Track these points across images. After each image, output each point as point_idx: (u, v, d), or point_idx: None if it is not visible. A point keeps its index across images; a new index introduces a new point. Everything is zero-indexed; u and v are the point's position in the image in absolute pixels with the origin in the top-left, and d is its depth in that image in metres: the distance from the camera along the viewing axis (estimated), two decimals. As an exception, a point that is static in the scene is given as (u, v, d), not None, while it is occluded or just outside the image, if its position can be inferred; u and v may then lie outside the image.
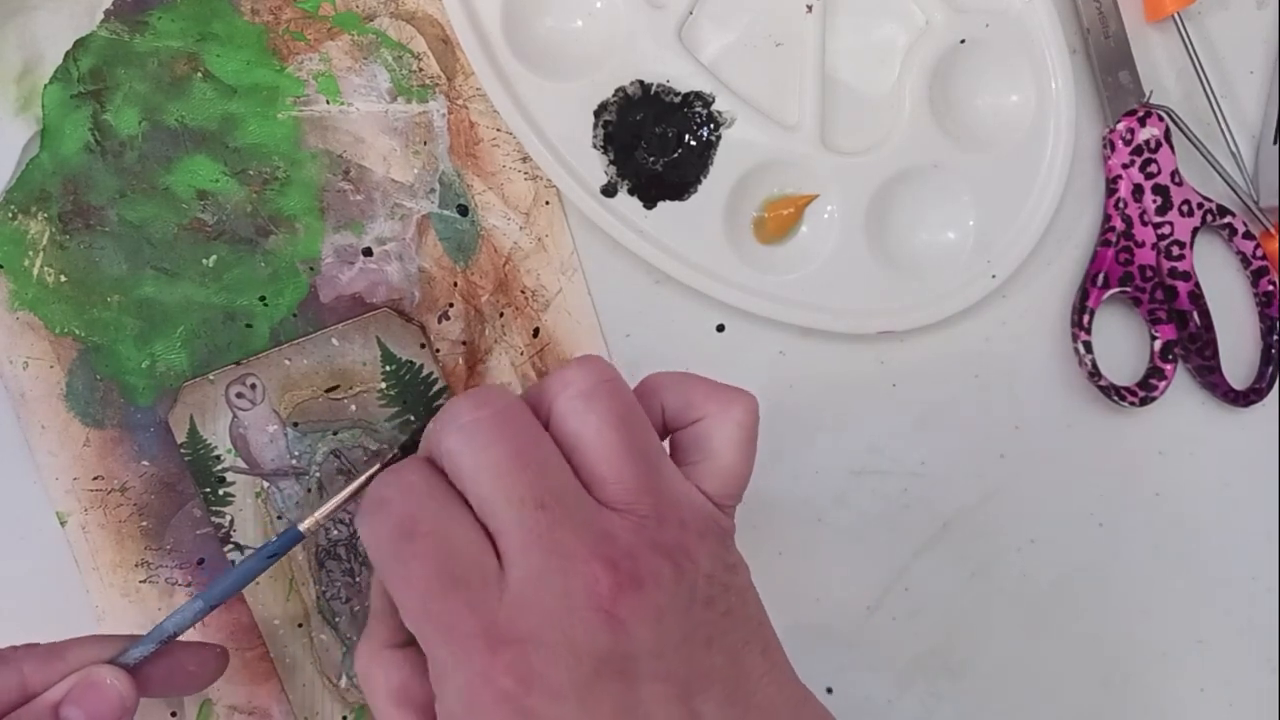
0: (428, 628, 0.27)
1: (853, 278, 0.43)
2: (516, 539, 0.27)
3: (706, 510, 0.30)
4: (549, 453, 0.28)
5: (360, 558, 0.40)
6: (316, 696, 0.40)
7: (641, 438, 0.29)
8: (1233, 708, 0.46)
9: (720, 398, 0.31)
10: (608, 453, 0.28)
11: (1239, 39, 0.46)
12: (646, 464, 0.29)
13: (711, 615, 0.28)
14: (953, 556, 0.45)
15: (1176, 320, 0.45)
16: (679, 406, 0.31)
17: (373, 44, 0.41)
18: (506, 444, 0.28)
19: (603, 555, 0.27)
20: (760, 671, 0.29)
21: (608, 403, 0.29)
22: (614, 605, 0.26)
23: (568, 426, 0.29)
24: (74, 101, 0.40)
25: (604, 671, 0.26)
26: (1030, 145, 0.43)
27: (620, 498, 0.28)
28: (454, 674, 0.27)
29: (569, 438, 0.29)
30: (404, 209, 0.41)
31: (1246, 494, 0.47)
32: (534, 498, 0.27)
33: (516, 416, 0.28)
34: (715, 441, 0.30)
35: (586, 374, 0.29)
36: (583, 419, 0.28)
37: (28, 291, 0.40)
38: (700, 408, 0.31)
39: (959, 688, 0.45)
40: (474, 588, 0.27)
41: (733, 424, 0.30)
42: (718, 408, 0.30)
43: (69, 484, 0.40)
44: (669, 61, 0.41)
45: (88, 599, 0.40)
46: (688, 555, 0.28)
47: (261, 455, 0.40)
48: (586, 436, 0.28)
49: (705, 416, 0.31)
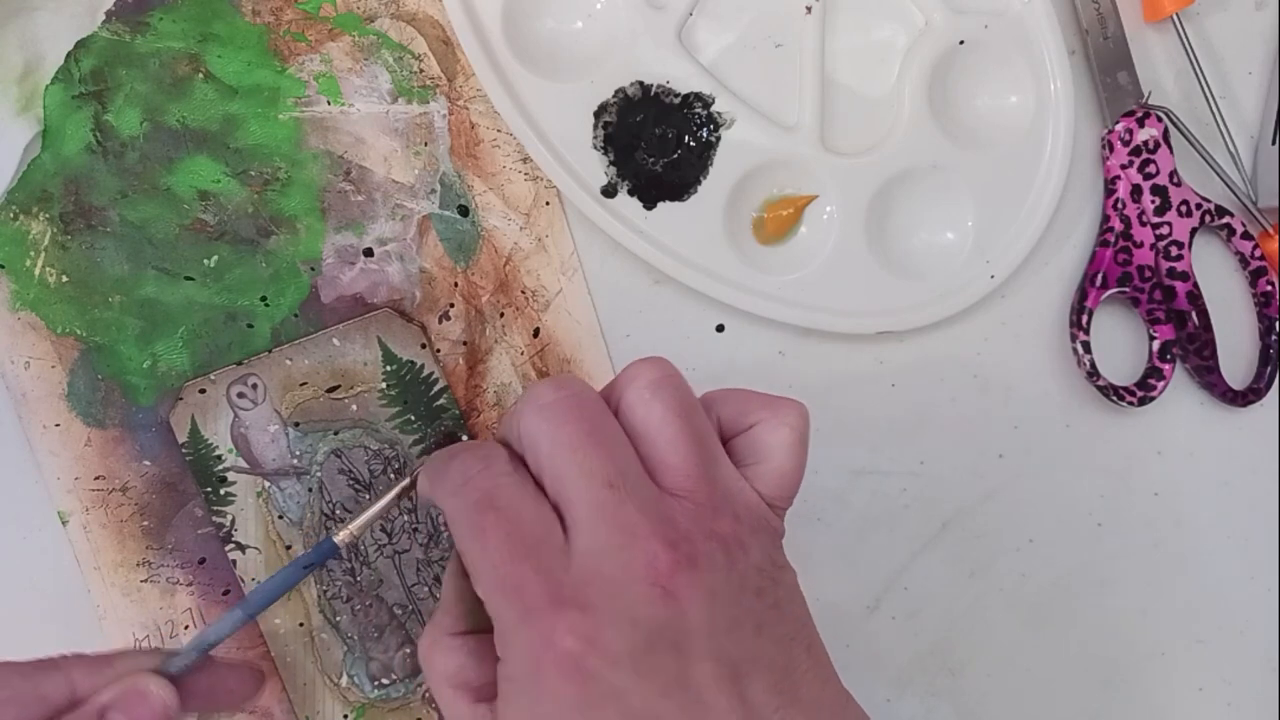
0: (497, 591, 0.29)
1: (852, 278, 0.43)
2: (584, 513, 0.29)
3: (760, 508, 0.31)
4: (618, 436, 0.30)
5: (361, 557, 0.41)
6: (317, 696, 0.40)
7: (701, 430, 0.31)
8: (1232, 707, 0.46)
9: (773, 405, 0.32)
10: (671, 439, 0.30)
11: (1238, 40, 0.46)
12: (705, 454, 0.31)
13: (761, 605, 0.30)
14: (952, 556, 0.45)
15: (1175, 320, 0.45)
16: (733, 415, 0.33)
17: (374, 45, 0.41)
18: (581, 423, 0.30)
19: (662, 535, 0.28)
20: (805, 667, 0.30)
21: (672, 394, 0.31)
22: (670, 581, 0.28)
23: (635, 415, 0.31)
24: (75, 102, 0.40)
25: (658, 643, 0.28)
26: (1029, 146, 0.43)
27: (680, 484, 0.30)
28: (519, 634, 0.28)
29: (636, 425, 0.31)
30: (405, 209, 0.41)
31: (1245, 494, 0.47)
32: (603, 475, 0.29)
33: (591, 401, 0.31)
34: (769, 445, 0.32)
35: (652, 369, 0.31)
36: (649, 407, 0.30)
37: (29, 292, 0.40)
38: (754, 414, 0.32)
39: (958, 687, 0.45)
40: (543, 556, 0.28)
41: (785, 428, 0.32)
42: (770, 414, 0.32)
43: (70, 484, 0.40)
44: (669, 62, 0.42)
45: (89, 598, 0.40)
46: (740, 545, 0.30)
47: (263, 455, 0.40)
48: (652, 424, 0.30)
49: (759, 422, 0.32)
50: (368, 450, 0.41)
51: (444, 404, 0.41)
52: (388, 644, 0.41)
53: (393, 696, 0.41)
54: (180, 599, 0.40)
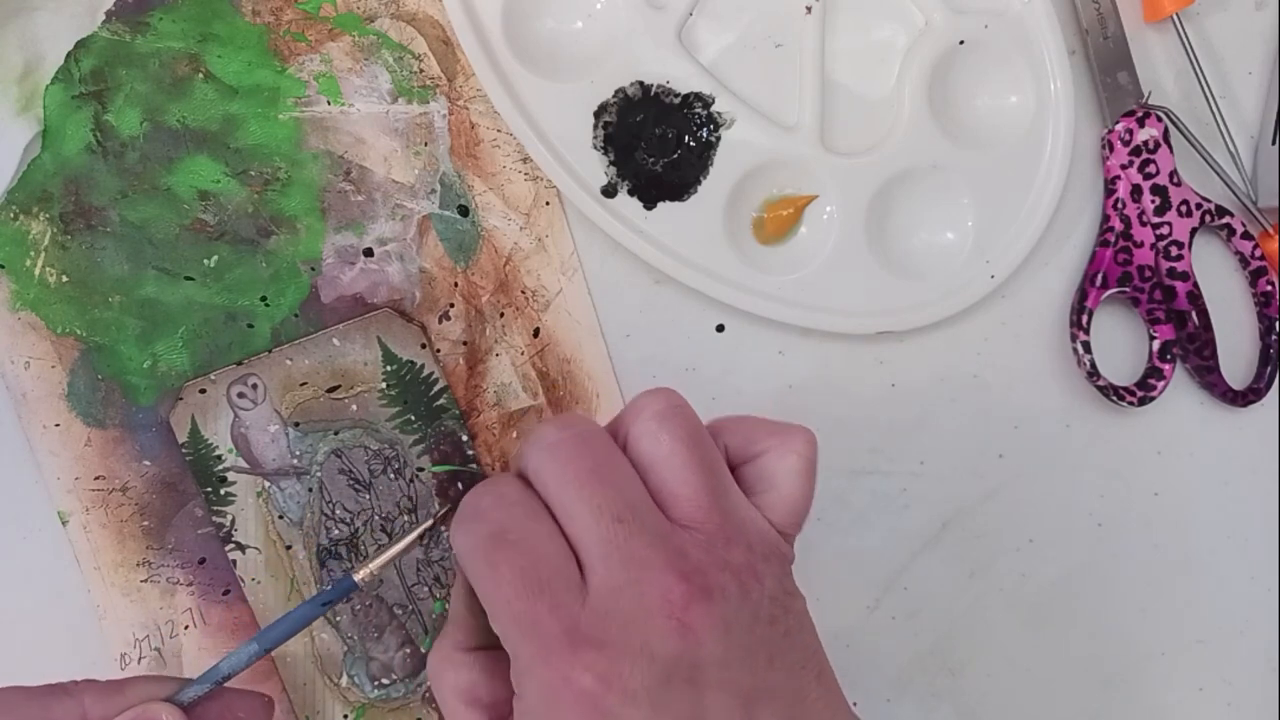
0: (513, 628, 0.29)
1: (852, 278, 0.43)
2: (596, 549, 0.29)
3: (771, 536, 0.31)
4: (625, 471, 0.30)
5: (361, 557, 0.41)
6: (317, 695, 0.40)
7: (710, 459, 0.31)
8: (1232, 708, 0.46)
9: (781, 432, 0.33)
10: (680, 471, 0.30)
11: (1238, 40, 0.46)
12: (715, 484, 0.31)
13: (773, 634, 0.30)
14: (952, 556, 0.45)
15: (1175, 320, 0.45)
16: (741, 443, 0.33)
17: (374, 45, 0.41)
18: (587, 460, 0.30)
19: (675, 567, 0.29)
20: (815, 695, 0.30)
21: (680, 425, 0.31)
22: (685, 614, 0.28)
23: (642, 447, 0.31)
24: (75, 102, 0.40)
25: (674, 677, 0.28)
26: (1029, 146, 0.43)
27: (691, 515, 0.30)
28: (535, 672, 0.28)
29: (644, 457, 0.31)
30: (405, 209, 0.41)
31: (1245, 494, 0.47)
32: (612, 511, 0.29)
33: (596, 437, 0.31)
34: (778, 473, 0.32)
35: (659, 400, 0.31)
36: (656, 439, 0.31)
37: (29, 292, 0.40)
38: (762, 442, 0.32)
39: (958, 687, 0.45)
40: (557, 592, 0.28)
41: (794, 455, 0.32)
42: (779, 441, 0.32)
43: (70, 484, 0.40)
44: (669, 62, 0.42)
45: (89, 598, 0.40)
46: (754, 575, 0.30)
47: (263, 455, 0.40)
48: (660, 455, 0.30)
49: (767, 450, 0.32)
50: (368, 450, 0.41)
51: (444, 404, 0.41)
52: (388, 644, 0.41)
53: (393, 696, 0.41)
54: (180, 599, 0.40)
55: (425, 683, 0.41)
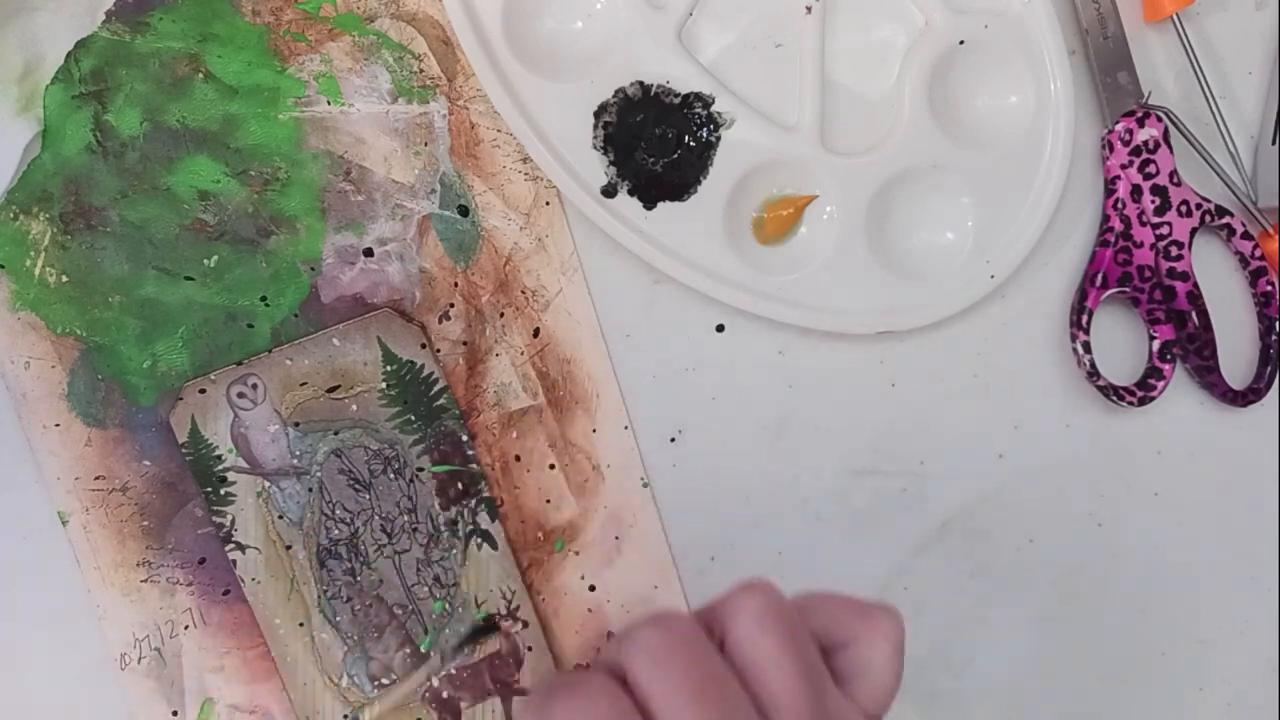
0: None
1: (852, 278, 0.43)
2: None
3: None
4: (733, 685, 0.30)
5: (361, 557, 0.41)
6: (317, 695, 0.40)
7: (812, 662, 0.31)
8: (1232, 708, 0.46)
9: (867, 617, 0.32)
10: (784, 680, 0.30)
11: (1238, 40, 0.46)
12: (816, 689, 0.30)
13: None
14: (952, 556, 0.45)
15: (1175, 320, 0.45)
16: (827, 626, 0.32)
17: (374, 45, 0.41)
18: (695, 670, 0.29)
19: None
20: None
21: (781, 628, 0.30)
22: None
23: (743, 652, 0.30)
24: (75, 102, 0.40)
25: None
26: (1029, 146, 0.43)
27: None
28: None
29: (745, 662, 0.30)
30: (405, 209, 0.41)
31: (1245, 494, 0.47)
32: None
33: (699, 643, 0.30)
34: (869, 661, 0.32)
35: (759, 599, 0.31)
36: (758, 646, 0.30)
37: (29, 292, 0.40)
38: (849, 627, 0.32)
39: (959, 687, 0.45)
40: None
41: (884, 642, 0.32)
42: (865, 627, 0.32)
43: (70, 484, 0.40)
44: (669, 62, 0.42)
45: (89, 598, 0.40)
46: None
47: (263, 455, 0.40)
48: (762, 662, 0.30)
49: (857, 638, 0.32)
50: (368, 450, 0.41)
51: (444, 404, 0.41)
52: (388, 644, 0.41)
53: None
54: (180, 599, 0.40)
55: (425, 683, 0.41)
